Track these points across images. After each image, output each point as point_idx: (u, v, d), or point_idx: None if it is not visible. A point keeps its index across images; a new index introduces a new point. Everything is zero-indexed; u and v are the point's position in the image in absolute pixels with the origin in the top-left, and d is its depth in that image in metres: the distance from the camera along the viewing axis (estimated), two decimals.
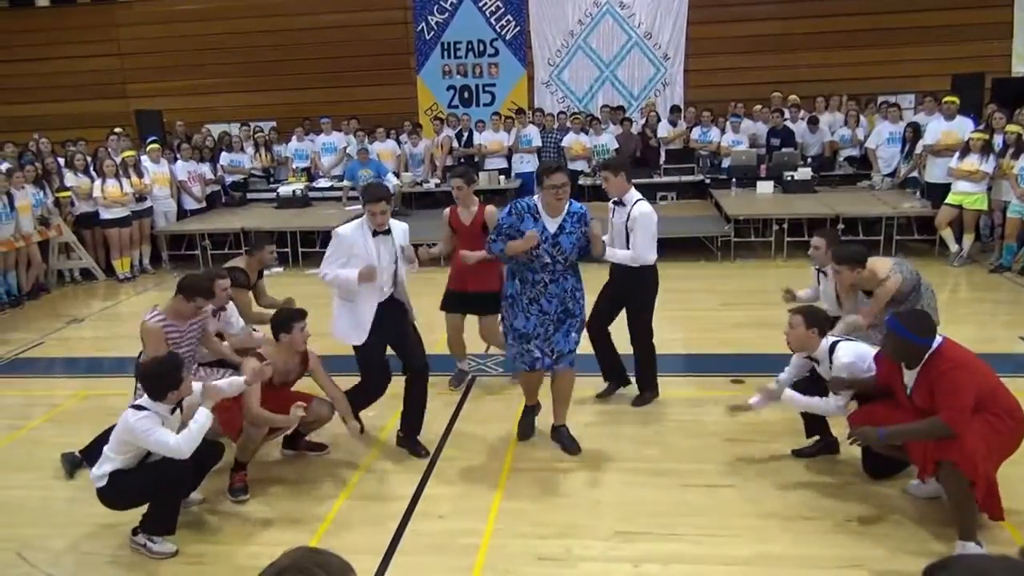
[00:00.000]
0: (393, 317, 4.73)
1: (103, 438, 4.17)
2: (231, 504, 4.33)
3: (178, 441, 3.73)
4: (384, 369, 4.89)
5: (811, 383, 4.40)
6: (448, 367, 5.91)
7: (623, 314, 5.34)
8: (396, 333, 4.77)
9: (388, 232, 4.63)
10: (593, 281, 5.08)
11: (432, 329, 5.72)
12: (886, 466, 4.23)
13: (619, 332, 5.38)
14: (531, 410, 4.99)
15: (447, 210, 5.77)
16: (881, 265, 4.82)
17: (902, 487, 4.18)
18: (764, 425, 4.95)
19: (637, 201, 5.06)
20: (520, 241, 4.42)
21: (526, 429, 4.95)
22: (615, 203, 5.16)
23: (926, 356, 3.66)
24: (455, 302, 5.66)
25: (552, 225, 4.45)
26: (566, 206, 4.47)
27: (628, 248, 5.08)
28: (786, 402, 4.34)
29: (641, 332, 5.29)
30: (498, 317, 5.29)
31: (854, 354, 4.19)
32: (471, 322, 5.81)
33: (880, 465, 4.23)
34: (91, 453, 4.47)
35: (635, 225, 5.02)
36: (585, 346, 5.03)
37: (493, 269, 5.40)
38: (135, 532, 3.93)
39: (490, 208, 5.60)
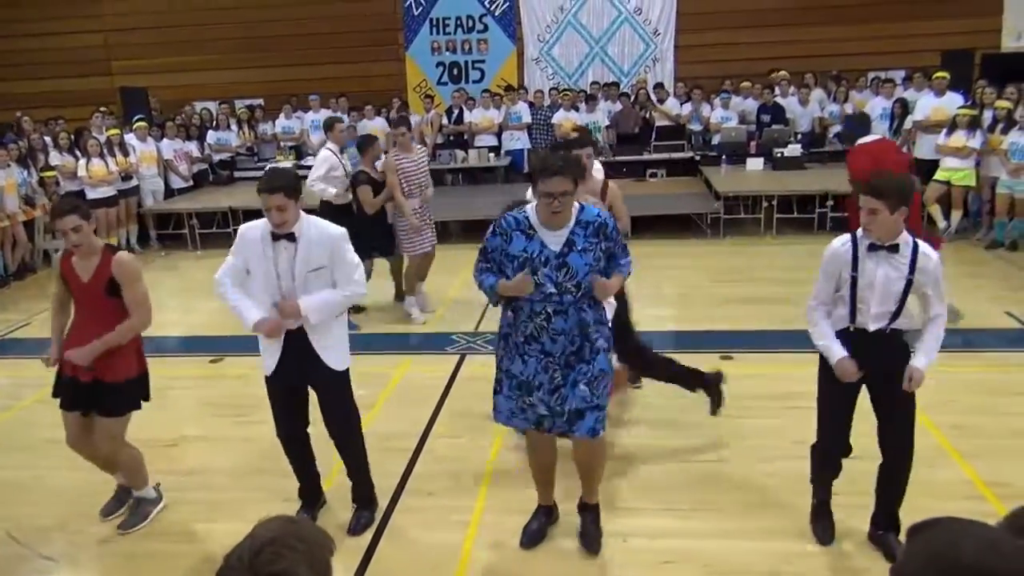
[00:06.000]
0: (299, 360, 3.61)
1: None
2: (221, 481, 4.34)
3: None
4: (286, 421, 3.78)
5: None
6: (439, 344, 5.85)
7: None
8: (303, 380, 3.71)
9: (292, 239, 3.48)
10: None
11: None
12: None
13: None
14: (543, 513, 3.77)
15: (59, 254, 3.79)
16: None
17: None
18: (753, 400, 4.98)
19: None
20: (511, 283, 3.29)
21: (529, 537, 3.70)
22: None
23: None
24: (67, 394, 3.67)
25: (554, 242, 3.27)
26: (574, 214, 3.28)
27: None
28: None
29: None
30: (124, 418, 3.77)
31: None
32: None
33: None
34: None
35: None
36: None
37: (124, 344, 3.68)
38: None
39: (122, 258, 3.63)
